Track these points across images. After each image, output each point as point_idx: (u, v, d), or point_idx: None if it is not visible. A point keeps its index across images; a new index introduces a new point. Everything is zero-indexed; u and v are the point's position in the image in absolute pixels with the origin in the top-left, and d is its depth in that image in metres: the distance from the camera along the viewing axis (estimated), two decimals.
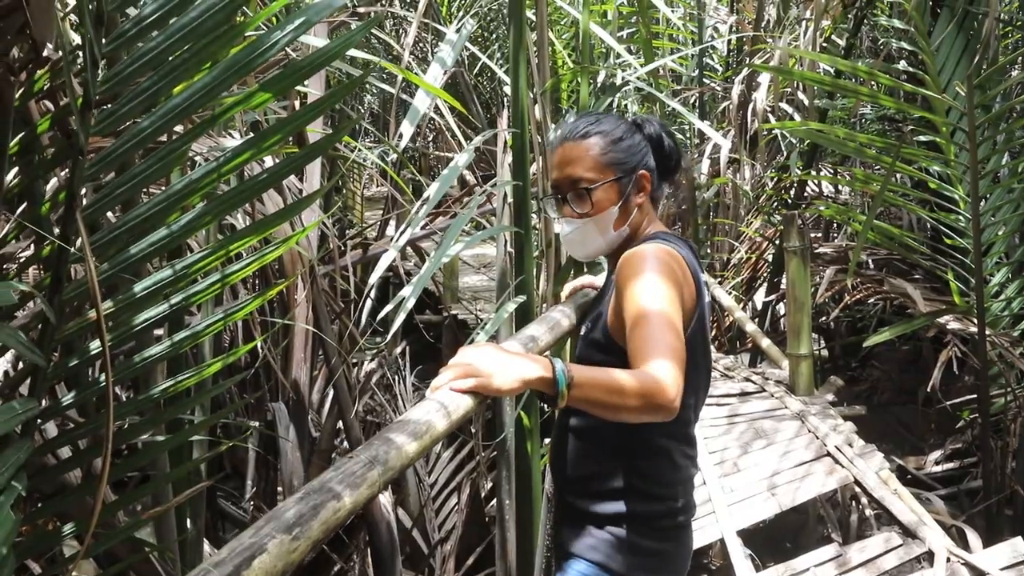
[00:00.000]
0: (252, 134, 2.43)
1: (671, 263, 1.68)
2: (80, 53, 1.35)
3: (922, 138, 4.79)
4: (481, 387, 1.41)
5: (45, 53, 1.37)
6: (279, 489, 3.77)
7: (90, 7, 1.27)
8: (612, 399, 1.49)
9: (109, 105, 1.39)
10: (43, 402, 1.41)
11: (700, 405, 1.88)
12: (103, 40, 1.32)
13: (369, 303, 3.24)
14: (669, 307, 1.59)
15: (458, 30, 2.89)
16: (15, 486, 1.18)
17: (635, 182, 1.86)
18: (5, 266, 1.83)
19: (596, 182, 1.82)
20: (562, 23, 7.87)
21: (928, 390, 4.34)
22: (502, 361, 1.45)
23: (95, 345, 1.43)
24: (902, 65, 5.38)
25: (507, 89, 3.28)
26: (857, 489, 3.47)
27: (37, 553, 1.73)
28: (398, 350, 4.99)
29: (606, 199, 1.83)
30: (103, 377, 1.46)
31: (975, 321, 4.15)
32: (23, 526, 1.55)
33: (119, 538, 1.60)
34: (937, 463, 5.23)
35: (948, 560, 2.94)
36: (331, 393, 3.70)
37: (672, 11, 7.50)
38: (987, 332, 4.12)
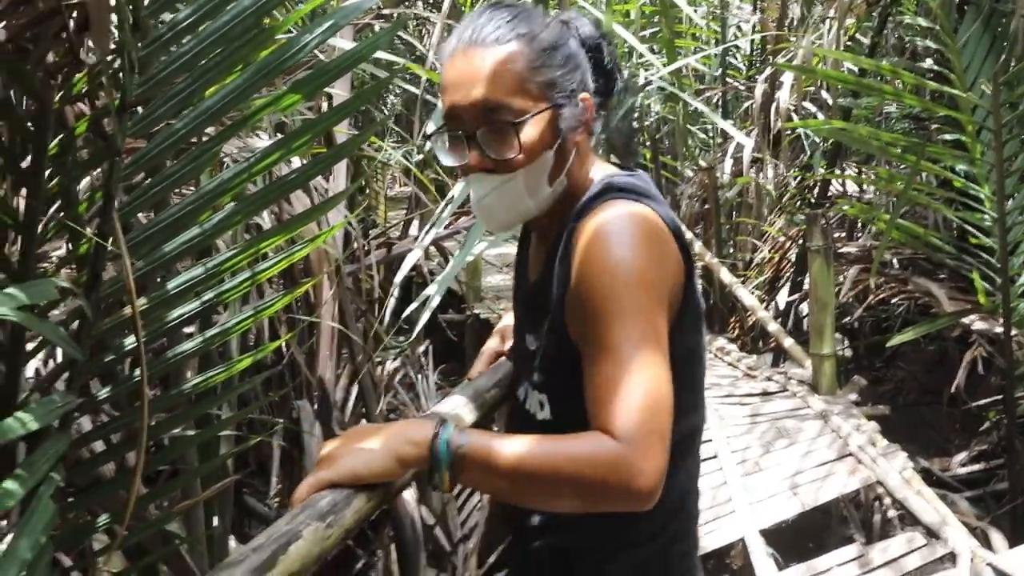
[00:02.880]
0: (279, 135, 2.47)
1: (652, 236, 1.18)
2: (114, 58, 1.38)
3: (947, 137, 4.76)
4: (324, 482, 1.03)
5: (81, 58, 1.40)
6: None
7: (128, 12, 1.30)
8: (540, 486, 1.06)
9: (141, 108, 1.43)
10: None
11: (702, 403, 1.39)
12: (139, 45, 1.36)
13: (392, 302, 3.27)
14: (653, 318, 1.13)
15: None
16: (54, 477, 1.22)
17: (577, 112, 1.26)
18: (40, 265, 1.87)
19: (525, 113, 1.20)
20: None
21: (953, 391, 4.32)
22: (357, 448, 1.07)
23: (128, 341, 1.47)
24: (928, 63, 5.35)
25: None
26: (880, 489, 3.46)
27: (68, 547, 1.77)
28: (421, 349, 5.02)
29: (539, 140, 1.22)
30: (135, 373, 1.50)
31: (1001, 321, 4.13)
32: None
33: (150, 530, 1.64)
34: (962, 464, 5.18)
35: (972, 560, 2.93)
36: (354, 391, 3.74)
37: (695, 10, 7.49)
38: (1013, 332, 4.10)
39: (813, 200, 6.47)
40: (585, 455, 1.03)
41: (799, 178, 6.91)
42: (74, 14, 1.31)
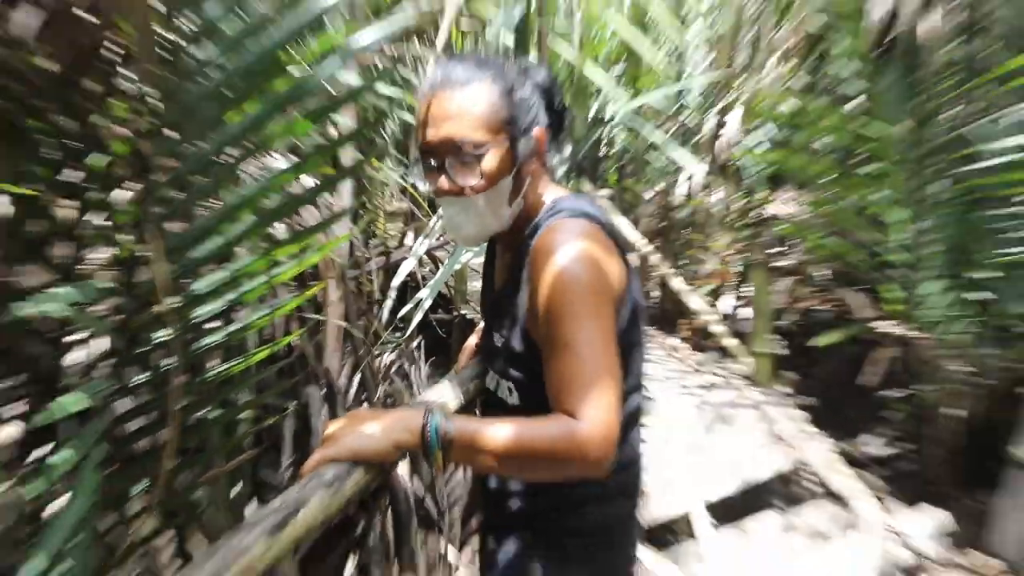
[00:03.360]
0: (290, 154, 2.47)
1: (597, 251, 1.23)
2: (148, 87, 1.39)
3: (868, 168, 4.82)
4: (328, 458, 1.05)
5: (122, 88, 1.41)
6: None
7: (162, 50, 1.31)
8: (516, 461, 1.10)
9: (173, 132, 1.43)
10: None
11: (644, 384, 1.45)
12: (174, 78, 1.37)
13: (389, 303, 3.28)
14: (601, 318, 1.18)
15: None
16: (97, 452, 1.22)
17: (531, 144, 1.33)
18: (84, 267, 1.87)
19: (486, 145, 1.26)
20: (559, 63, 7.90)
21: (869, 385, 4.38)
22: (358, 431, 1.10)
23: (161, 334, 1.48)
24: (857, 101, 5.41)
25: None
26: (805, 468, 3.51)
27: (111, 509, 1.76)
28: (414, 344, 5.01)
29: (499, 167, 1.28)
30: (168, 361, 1.50)
31: (909, 326, 4.20)
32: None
33: (180, 498, 1.64)
34: (876, 448, 5.25)
35: (878, 526, 2.98)
36: (356, 380, 3.74)
37: (656, 51, 7.51)
38: (918, 335, 4.17)
39: (754, 220, 6.52)
40: (552, 434, 1.11)
41: (744, 201, 6.95)
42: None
